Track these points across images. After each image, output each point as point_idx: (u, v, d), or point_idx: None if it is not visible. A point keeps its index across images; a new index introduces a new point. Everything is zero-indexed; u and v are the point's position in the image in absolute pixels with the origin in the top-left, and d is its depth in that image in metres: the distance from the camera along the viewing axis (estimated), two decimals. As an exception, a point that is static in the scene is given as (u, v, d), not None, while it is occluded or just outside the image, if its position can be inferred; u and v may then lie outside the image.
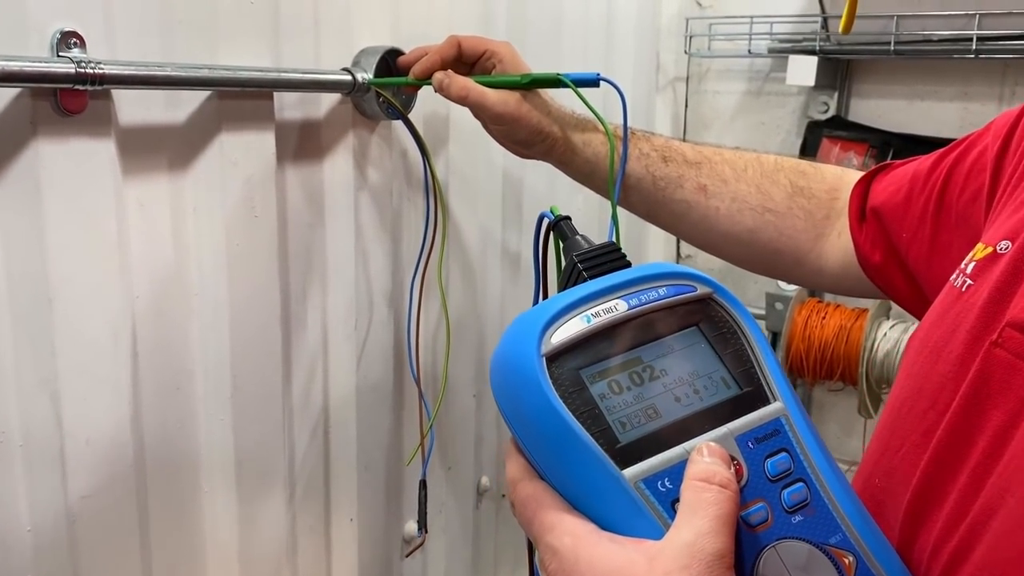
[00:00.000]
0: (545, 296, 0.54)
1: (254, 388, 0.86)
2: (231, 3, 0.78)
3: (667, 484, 0.38)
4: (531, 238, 1.24)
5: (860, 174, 0.78)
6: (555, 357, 0.40)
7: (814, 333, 1.38)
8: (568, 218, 0.52)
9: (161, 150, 0.76)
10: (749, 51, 1.48)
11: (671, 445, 0.39)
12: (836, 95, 1.48)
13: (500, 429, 1.26)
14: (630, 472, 0.38)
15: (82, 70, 0.64)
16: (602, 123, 0.82)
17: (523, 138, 0.82)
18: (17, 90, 0.64)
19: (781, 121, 1.58)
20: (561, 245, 0.53)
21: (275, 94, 0.83)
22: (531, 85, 0.81)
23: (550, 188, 1.26)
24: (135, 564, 0.78)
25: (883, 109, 1.47)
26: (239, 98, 0.80)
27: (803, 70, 1.39)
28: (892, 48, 1.32)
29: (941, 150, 0.69)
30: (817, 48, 1.38)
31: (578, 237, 0.50)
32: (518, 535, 1.34)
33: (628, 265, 0.46)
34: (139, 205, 0.75)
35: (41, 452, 0.70)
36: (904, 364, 0.54)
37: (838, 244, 0.77)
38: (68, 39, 0.66)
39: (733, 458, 0.40)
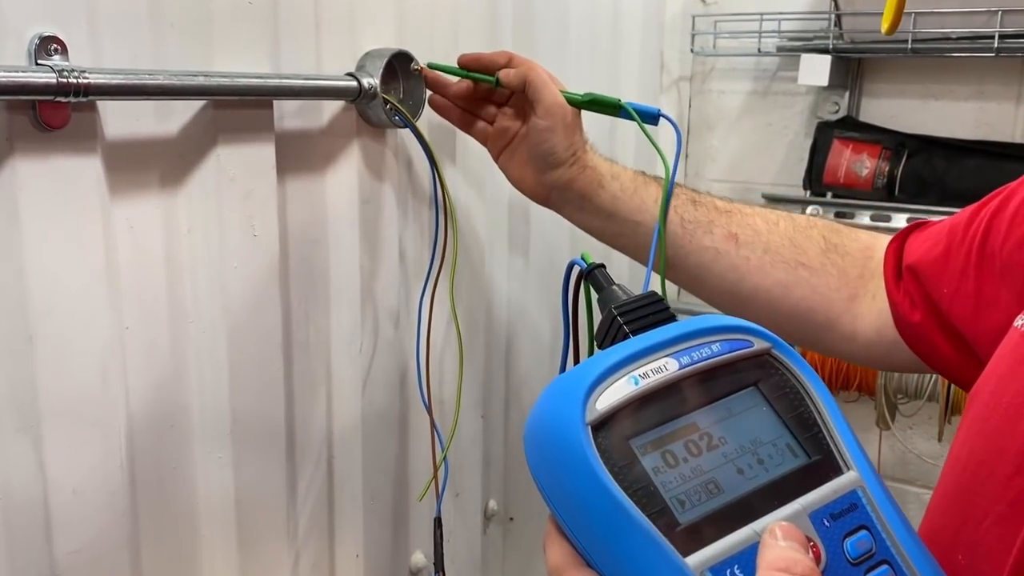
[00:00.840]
0: (576, 353, 0.49)
1: (254, 421, 0.79)
2: (226, 4, 0.71)
3: (737, 572, 0.34)
4: (543, 257, 1.18)
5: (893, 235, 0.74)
6: (601, 426, 0.35)
7: (830, 343, 1.33)
8: (602, 265, 0.47)
9: (152, 166, 0.69)
10: (759, 49, 1.42)
11: (738, 526, 0.35)
12: (847, 95, 1.43)
13: (508, 450, 1.20)
14: (694, 560, 0.34)
15: (64, 79, 0.57)
16: (659, 152, 0.78)
17: (560, 150, 0.78)
18: (-8, 103, 0.57)
19: (789, 122, 1.52)
20: (596, 296, 0.48)
21: (275, 102, 0.76)
22: (591, 104, 0.79)
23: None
24: (128, 619, 0.71)
25: (896, 109, 1.42)
26: (236, 107, 0.73)
27: (816, 69, 1.34)
28: (909, 46, 1.27)
29: (977, 203, 0.66)
30: (830, 46, 1.33)
31: (615, 287, 0.46)
32: (527, 560, 1.28)
33: (673, 318, 0.42)
34: (128, 227, 0.68)
35: (22, 504, 0.62)
36: (971, 419, 0.49)
37: (872, 306, 0.72)
38: (48, 45, 0.58)
39: (809, 539, 0.35)
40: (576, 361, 0.49)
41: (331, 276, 0.87)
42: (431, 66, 0.87)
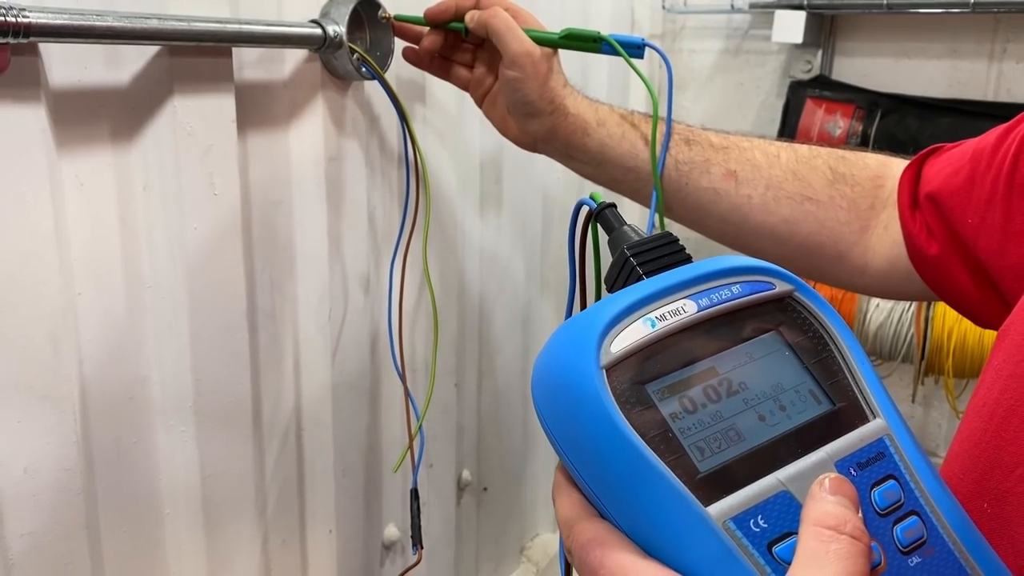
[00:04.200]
0: (583, 299, 0.46)
1: (218, 392, 0.75)
2: (180, -60, 0.66)
3: (761, 523, 0.32)
4: (516, 218, 1.14)
5: (906, 160, 0.69)
6: (616, 369, 0.33)
7: (805, 305, 1.31)
8: (613, 205, 0.44)
9: (102, 117, 0.63)
10: (732, 6, 1.39)
11: (761, 474, 0.33)
12: (820, 53, 1.41)
13: (481, 419, 1.17)
14: (716, 509, 0.31)
15: (2, 18, 0.51)
16: (647, 84, 0.73)
17: (534, 99, 0.73)
18: (-82, 43, 0.51)
19: (761, 81, 1.50)
20: (606, 238, 0.44)
21: (234, 51, 0.71)
22: (569, 42, 0.73)
23: (528, 158, 1.16)
24: (88, 604, 0.67)
25: (869, 68, 1.40)
26: (193, 55, 0.67)
27: (790, 26, 1.31)
28: (885, 3, 1.25)
29: (1004, 125, 0.61)
30: (805, 3, 1.30)
31: (627, 227, 0.42)
32: (501, 530, 1.25)
33: (689, 259, 0.39)
34: (78, 184, 0.62)
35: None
36: (998, 363, 0.46)
37: (885, 237, 0.68)
38: (-18, -21, 0.53)
39: None
40: (583, 307, 0.45)
41: (296, 239, 0.82)
42: (399, 19, 0.81)
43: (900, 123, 1.35)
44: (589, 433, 0.33)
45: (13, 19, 0.52)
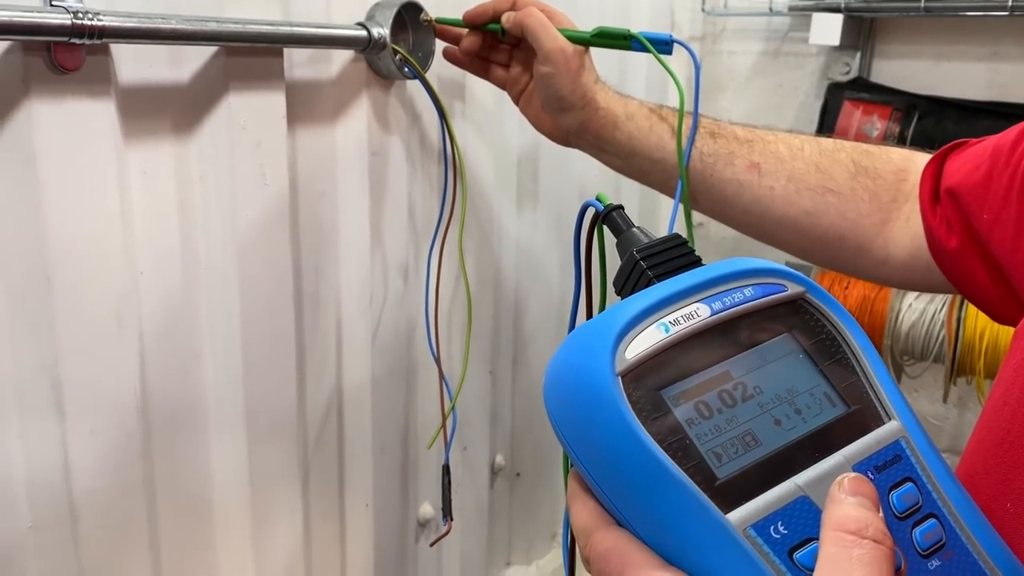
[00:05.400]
0: (589, 302, 0.46)
1: (266, 369, 0.80)
2: (238, -50, 0.71)
3: (781, 529, 0.32)
4: (552, 212, 1.17)
5: (930, 155, 0.70)
6: (631, 376, 0.33)
7: (837, 304, 1.33)
8: (620, 207, 0.43)
9: (165, 112, 0.69)
10: (771, 8, 1.41)
11: (779, 479, 0.33)
12: (858, 55, 1.42)
13: (515, 406, 1.22)
14: (736, 516, 0.31)
15: (79, 21, 0.57)
16: (673, 78, 0.76)
17: (566, 94, 0.76)
18: (7, 44, 0.58)
19: (800, 83, 1.51)
20: (613, 241, 0.44)
21: (285, 51, 0.77)
22: (600, 39, 0.76)
23: (564, 154, 1.20)
24: (144, 558, 0.73)
25: (908, 70, 1.41)
26: (247, 55, 0.73)
27: (827, 29, 1.33)
28: (922, 6, 1.26)
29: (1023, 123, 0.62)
30: (842, 5, 1.32)
31: (635, 230, 0.42)
32: (533, 514, 1.30)
33: (699, 261, 0.39)
34: (142, 172, 0.68)
35: (41, 444, 0.64)
36: (1016, 362, 0.46)
37: (906, 230, 0.69)
38: (62, -14, 0.59)
39: None
40: (589, 311, 0.46)
41: (340, 228, 0.88)
42: (440, 21, 0.86)
43: (937, 125, 1.36)
44: (606, 441, 0.32)
45: (89, 22, 0.58)
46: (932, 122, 1.37)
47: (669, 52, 0.77)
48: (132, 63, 0.66)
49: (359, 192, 0.88)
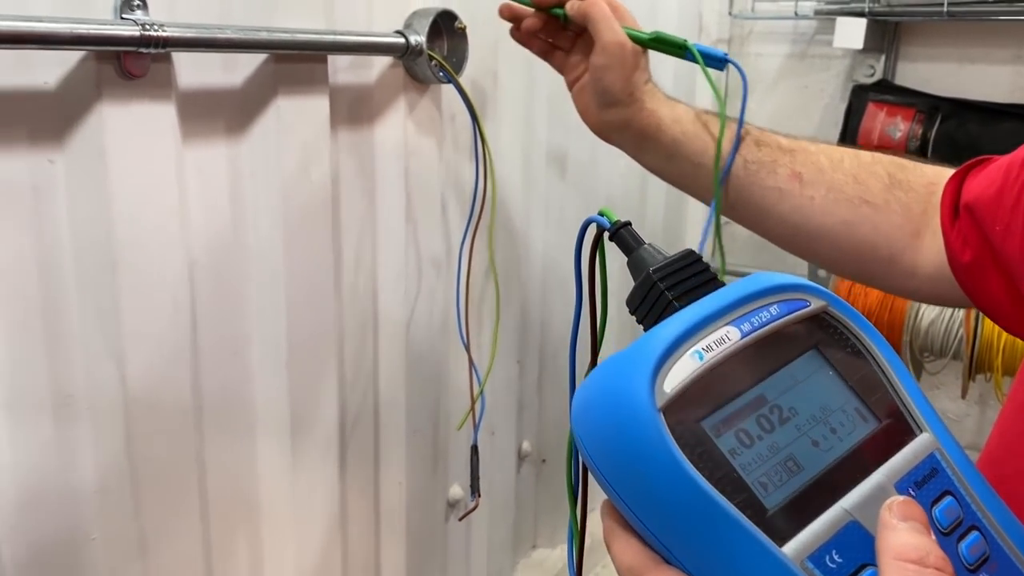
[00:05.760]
0: (593, 326, 0.43)
1: (309, 354, 0.86)
2: (287, -36, 0.77)
3: (836, 558, 0.31)
4: (579, 213, 1.21)
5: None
6: (671, 409, 0.32)
7: (858, 301, 1.36)
8: (628, 224, 0.41)
9: (219, 114, 0.76)
10: (796, 12, 1.45)
11: (826, 506, 0.32)
12: (883, 58, 1.45)
13: (541, 395, 1.27)
14: (791, 549, 0.30)
15: (146, 32, 0.64)
16: (714, 89, 0.77)
17: (616, 89, 0.76)
18: (82, 53, 0.64)
19: (825, 85, 1.55)
20: (626, 259, 0.42)
21: (330, 58, 0.82)
22: (656, 44, 0.76)
23: (591, 155, 1.25)
24: (195, 523, 0.79)
25: (932, 73, 1.44)
26: (295, 61, 0.79)
27: (851, 32, 1.36)
28: (946, 9, 1.29)
29: None
30: (866, 9, 1.35)
31: (647, 247, 0.39)
32: (558, 500, 1.35)
33: (715, 279, 0.38)
34: (198, 170, 0.74)
35: (107, 416, 0.70)
36: None
37: (933, 243, 0.70)
38: (131, 1, 0.65)
39: None
40: (595, 333, 0.43)
41: (379, 223, 0.93)
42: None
43: (960, 127, 1.39)
44: (654, 480, 0.31)
45: (155, 33, 0.64)
46: (955, 124, 1.39)
47: (720, 68, 0.78)
48: (190, 69, 0.72)
49: (396, 189, 0.93)
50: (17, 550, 0.67)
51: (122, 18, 0.64)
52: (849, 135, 1.46)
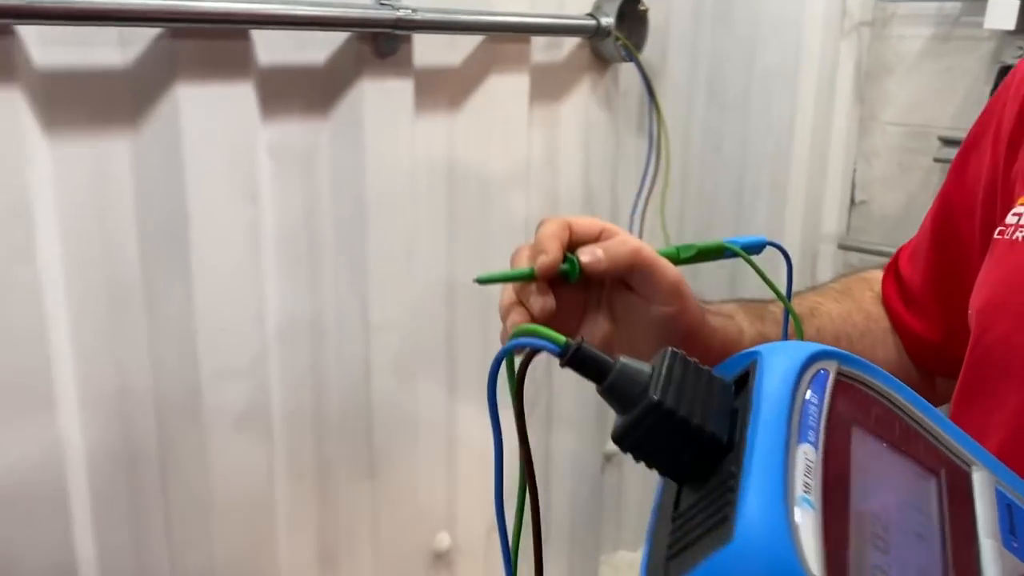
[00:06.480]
0: (530, 471, 0.36)
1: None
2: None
3: None
4: (728, 177, 1.25)
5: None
6: None
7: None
8: (581, 342, 0.32)
9: (443, 90, 0.85)
10: (944, -6, 1.47)
11: None
12: (1032, 39, 1.46)
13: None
14: None
15: (402, 16, 0.73)
16: (772, 288, 0.59)
17: (684, 328, 0.55)
18: (347, 34, 0.74)
19: (969, 67, 1.56)
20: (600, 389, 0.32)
21: (532, 39, 0.91)
22: (699, 257, 0.58)
23: (743, 137, 1.30)
24: (362, 449, 0.89)
25: (1084, 53, 1.44)
26: (505, 42, 0.88)
27: (1003, 13, 1.38)
28: (1104, -10, 1.29)
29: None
30: (1019, -9, 1.36)
31: (624, 364, 0.31)
32: (642, 502, 1.37)
33: (722, 381, 0.32)
34: (427, 139, 0.84)
35: (351, 340, 0.80)
36: (979, 332, 0.50)
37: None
38: (386, -10, 0.75)
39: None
40: (528, 479, 0.36)
41: (561, 191, 1.02)
42: (483, 280, 0.49)
43: (1114, 107, 1.39)
44: None
45: (407, 17, 0.73)
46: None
47: (758, 252, 0.62)
48: (425, 49, 0.81)
49: (579, 161, 1.01)
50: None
51: (381, 4, 0.74)
52: (995, 116, 1.47)
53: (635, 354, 0.44)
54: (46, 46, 0.60)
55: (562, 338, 0.32)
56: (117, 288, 0.66)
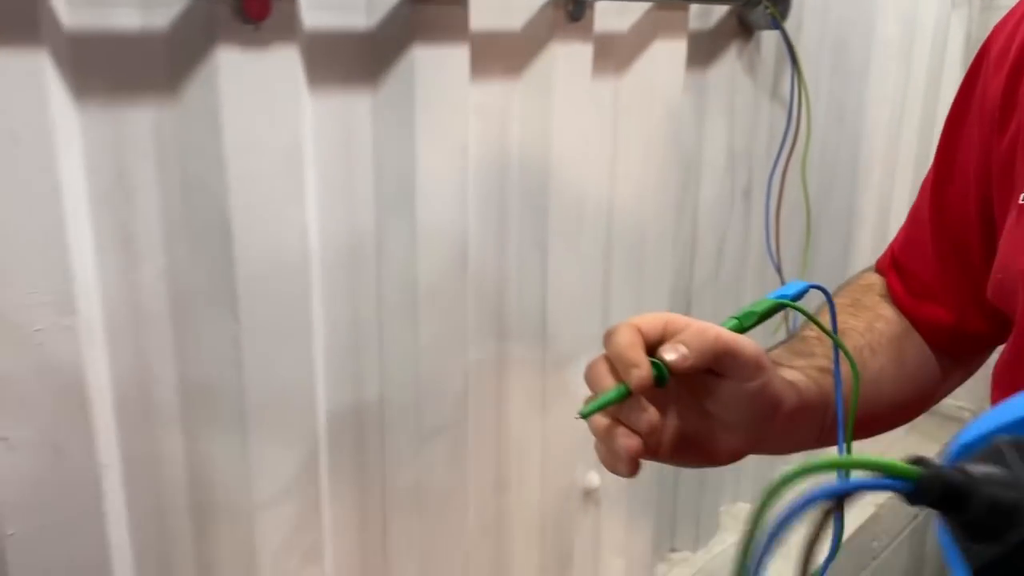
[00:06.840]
0: None
1: (654, 269, 1.02)
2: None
3: None
4: (847, 145, 1.30)
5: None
6: None
7: None
8: (941, 469, 0.26)
9: (612, 55, 0.91)
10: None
11: None
12: None
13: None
14: None
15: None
16: (844, 351, 0.56)
17: (749, 369, 0.50)
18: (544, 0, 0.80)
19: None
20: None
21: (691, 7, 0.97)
22: (761, 319, 0.56)
23: (859, 103, 1.34)
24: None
25: None
26: (668, 10, 0.93)
27: None
28: None
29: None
30: None
31: (985, 475, 0.26)
32: (697, 502, 1.26)
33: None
34: (596, 102, 0.90)
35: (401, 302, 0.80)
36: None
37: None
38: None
39: None
40: None
41: (704, 153, 1.07)
42: (584, 414, 0.48)
43: None
44: None
45: None
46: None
47: (802, 296, 0.58)
48: (600, 16, 0.87)
49: (722, 124, 1.07)
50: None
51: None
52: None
53: (728, 434, 0.51)
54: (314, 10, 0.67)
55: (914, 469, 0.25)
56: (357, 238, 0.75)
